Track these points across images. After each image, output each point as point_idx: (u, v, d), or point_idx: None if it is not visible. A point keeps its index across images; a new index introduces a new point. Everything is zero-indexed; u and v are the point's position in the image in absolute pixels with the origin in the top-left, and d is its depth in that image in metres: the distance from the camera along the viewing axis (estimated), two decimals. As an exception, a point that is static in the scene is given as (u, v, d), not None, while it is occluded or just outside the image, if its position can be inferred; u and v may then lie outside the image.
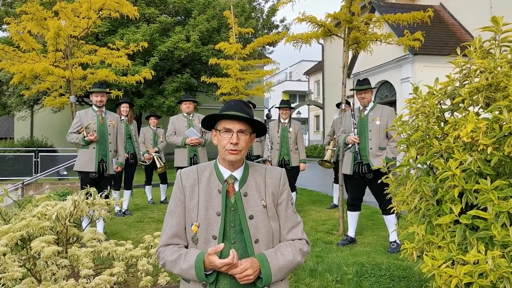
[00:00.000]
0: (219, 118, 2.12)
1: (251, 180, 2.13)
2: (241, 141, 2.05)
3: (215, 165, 2.16)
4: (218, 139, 2.11)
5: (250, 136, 2.10)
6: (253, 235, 2.02)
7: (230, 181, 2.10)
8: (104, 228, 5.95)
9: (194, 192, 2.11)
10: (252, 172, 2.17)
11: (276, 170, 2.22)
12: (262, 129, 2.19)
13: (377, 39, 6.05)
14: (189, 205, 2.09)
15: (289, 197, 2.20)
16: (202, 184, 2.11)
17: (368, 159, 5.15)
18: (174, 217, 2.10)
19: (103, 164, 5.62)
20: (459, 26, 16.81)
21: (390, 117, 5.19)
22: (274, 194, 2.14)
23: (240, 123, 2.06)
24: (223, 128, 2.06)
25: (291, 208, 2.19)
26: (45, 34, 7.42)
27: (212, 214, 2.04)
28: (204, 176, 2.14)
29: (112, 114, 5.89)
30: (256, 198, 2.09)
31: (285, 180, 2.21)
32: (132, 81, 8.80)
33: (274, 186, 2.15)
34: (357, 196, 5.43)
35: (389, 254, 4.99)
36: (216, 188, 2.09)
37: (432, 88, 3.07)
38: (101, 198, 4.01)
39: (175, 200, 2.14)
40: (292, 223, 2.15)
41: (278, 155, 6.90)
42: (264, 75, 13.02)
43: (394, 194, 3.35)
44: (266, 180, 2.16)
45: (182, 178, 2.15)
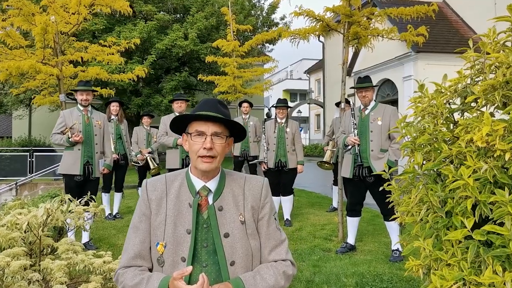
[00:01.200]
0: (191, 120, 1.82)
1: (227, 191, 1.84)
2: (216, 146, 1.76)
3: (187, 175, 1.87)
4: (189, 143, 1.81)
5: (226, 140, 1.81)
6: (229, 256, 1.73)
7: (203, 193, 1.81)
8: (91, 235, 5.65)
9: (161, 206, 1.81)
10: (229, 182, 1.87)
11: (257, 180, 1.92)
12: (241, 132, 1.88)
13: (378, 34, 5.73)
14: (155, 221, 1.80)
15: (271, 211, 1.90)
16: (171, 196, 1.82)
17: (369, 161, 4.84)
18: (138, 235, 1.81)
19: (88, 167, 5.31)
20: (462, 23, 16.48)
21: (392, 117, 4.88)
22: (254, 208, 1.85)
23: (214, 125, 1.77)
24: (195, 131, 1.77)
25: (274, 224, 1.89)
26: (33, 30, 7.14)
27: (181, 232, 1.75)
28: (174, 187, 1.85)
29: (99, 114, 5.58)
30: (233, 212, 1.80)
31: (267, 191, 1.91)
32: (125, 79, 8.53)
33: (254, 198, 1.86)
34: (357, 201, 5.12)
35: (391, 263, 4.68)
36: (187, 201, 1.80)
37: (440, 86, 2.76)
38: (80, 205, 3.72)
39: (139, 214, 1.85)
40: (275, 241, 1.86)
41: (274, 156, 6.59)
42: (263, 73, 12.75)
43: (397, 202, 3.04)
44: (245, 191, 1.87)
45: (148, 189, 1.86)
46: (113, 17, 18.36)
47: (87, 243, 5.40)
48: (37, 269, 3.26)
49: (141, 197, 1.87)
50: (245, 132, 1.91)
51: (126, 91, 18.18)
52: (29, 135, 23.43)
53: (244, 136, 1.92)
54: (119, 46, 8.13)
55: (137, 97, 18.54)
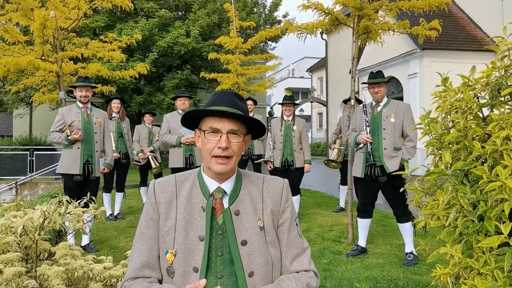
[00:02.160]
0: (204, 115, 1.61)
1: (244, 194, 1.64)
2: (232, 145, 1.57)
3: (199, 175, 1.67)
4: (202, 141, 1.61)
5: (244, 138, 1.61)
6: (247, 267, 1.53)
7: (217, 195, 1.61)
8: (91, 237, 5.44)
9: (171, 210, 1.61)
10: (246, 184, 1.67)
11: (277, 181, 1.71)
12: (260, 129, 1.68)
13: (389, 29, 5.51)
14: (164, 227, 1.60)
15: (293, 216, 1.69)
16: (182, 199, 1.62)
17: (382, 160, 4.62)
18: (145, 242, 1.61)
19: (88, 166, 5.11)
20: (469, 20, 16.25)
21: (406, 114, 4.67)
22: (274, 212, 1.65)
23: (231, 122, 1.57)
24: (209, 128, 1.57)
25: (296, 230, 1.69)
26: (31, 25, 6.94)
27: (193, 239, 1.55)
28: (184, 188, 1.64)
29: (99, 111, 5.37)
30: (251, 217, 1.60)
31: (288, 194, 1.71)
32: (126, 76, 8.32)
33: (274, 201, 1.66)
34: (369, 202, 4.90)
35: (406, 267, 4.46)
36: (199, 204, 1.60)
37: (467, 78, 2.54)
38: (79, 206, 3.52)
39: (146, 219, 1.64)
40: (297, 249, 1.66)
41: (281, 155, 6.37)
42: (266, 70, 12.51)
43: (418, 204, 2.83)
44: (264, 193, 1.67)
45: (156, 191, 1.66)
46: (114, 14, 18.18)
47: (87, 245, 5.20)
48: (33, 275, 3.06)
49: (148, 200, 1.66)
50: (265, 129, 1.71)
51: (127, 89, 18.01)
52: (30, 133, 23.26)
53: (263, 133, 1.72)
54: (120, 42, 7.93)
55: (138, 95, 18.36)
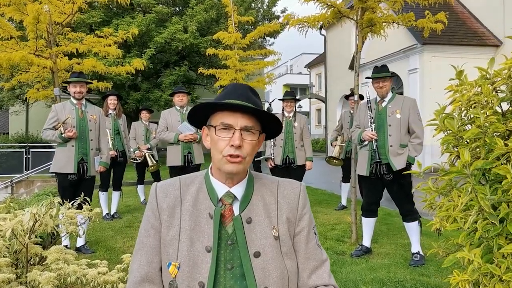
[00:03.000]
0: (215, 109, 1.44)
1: (257, 199, 1.47)
2: (245, 144, 1.39)
3: (206, 178, 1.49)
4: (212, 139, 1.43)
5: (258, 136, 1.43)
6: (260, 282, 1.36)
7: (227, 201, 1.43)
8: (87, 237, 5.27)
9: (175, 217, 1.44)
10: (258, 188, 1.49)
11: (292, 184, 1.54)
12: (277, 127, 1.51)
13: (394, 21, 5.34)
14: (167, 236, 1.42)
15: (311, 223, 1.52)
16: (186, 204, 1.45)
17: (388, 158, 4.46)
18: (145, 253, 1.44)
19: (83, 165, 4.93)
20: (469, 15, 16.09)
21: (412, 109, 4.51)
22: (290, 220, 1.47)
23: (245, 117, 1.39)
24: (221, 123, 1.39)
25: (314, 239, 1.52)
26: (25, 20, 6.75)
27: (199, 250, 1.38)
28: (190, 192, 1.47)
29: (94, 107, 5.19)
30: (265, 226, 1.43)
31: (305, 199, 1.54)
32: (122, 72, 8.14)
33: (290, 208, 1.48)
34: (374, 200, 4.74)
35: (413, 268, 4.31)
36: (206, 211, 1.42)
37: (486, 71, 2.37)
38: (72, 208, 3.35)
39: (147, 227, 1.47)
40: (316, 261, 1.49)
41: (282, 152, 6.20)
42: (265, 66, 12.38)
43: (430, 205, 2.67)
44: (279, 199, 1.49)
45: (158, 196, 1.48)
46: (110, 9, 17.96)
47: (83, 246, 5.04)
48: (23, 281, 2.89)
49: (149, 206, 1.49)
50: (281, 127, 1.53)
51: (124, 86, 17.82)
52: (26, 131, 23.05)
53: (279, 132, 1.55)
54: (116, 37, 7.74)
55: (136, 91, 18.18)
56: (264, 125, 1.47)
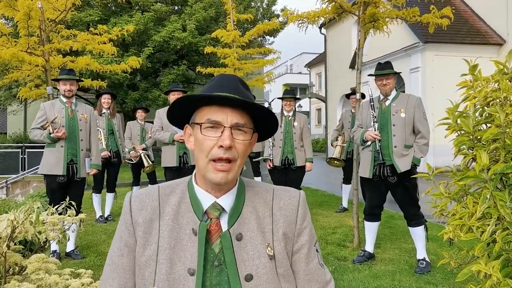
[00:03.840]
0: (200, 103, 1.22)
1: (249, 211, 1.24)
2: (237, 144, 1.17)
3: (190, 186, 1.26)
4: (196, 140, 1.21)
5: (252, 135, 1.22)
6: None
7: (213, 214, 1.21)
8: (77, 242, 5.06)
9: (152, 233, 1.21)
10: (251, 198, 1.27)
11: (290, 194, 1.31)
12: (272, 125, 1.30)
13: (397, 16, 5.12)
14: (142, 256, 1.20)
15: (312, 239, 1.30)
16: (166, 218, 1.22)
17: (392, 159, 4.24)
18: (117, 276, 1.22)
19: (73, 166, 4.71)
20: (471, 13, 15.87)
21: (417, 108, 4.29)
22: (287, 236, 1.25)
23: (236, 113, 1.18)
24: (207, 120, 1.17)
25: (316, 258, 1.30)
26: (16, 16, 6.53)
27: (180, 272, 1.16)
28: (170, 204, 1.24)
29: (84, 106, 4.97)
30: (258, 243, 1.21)
31: (305, 210, 1.31)
32: (117, 70, 7.92)
33: (287, 221, 1.26)
34: (377, 204, 4.52)
35: (418, 275, 4.09)
36: (189, 226, 1.20)
37: (504, 65, 2.15)
38: (56, 213, 3.13)
39: (119, 245, 1.24)
40: (319, 283, 1.28)
41: (281, 153, 5.97)
42: (265, 64, 12.15)
43: (440, 211, 2.45)
44: (275, 211, 1.27)
45: (132, 208, 1.25)
46: (108, 8, 17.76)
47: (72, 251, 4.82)
48: (1, 292, 2.69)
49: (122, 219, 1.26)
50: (277, 124, 1.32)
51: (122, 85, 17.61)
52: (24, 131, 22.80)
53: (274, 131, 1.33)
54: (111, 34, 7.52)
55: (134, 91, 17.97)
56: (257, 123, 1.26)
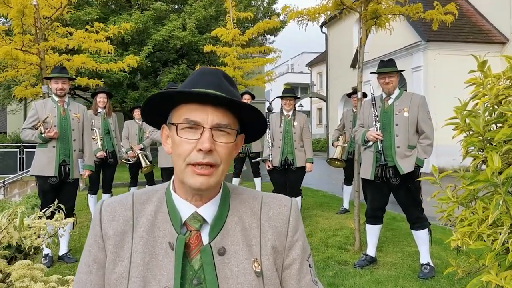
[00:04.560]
0: (176, 101, 1.07)
1: (233, 222, 1.10)
2: (219, 148, 1.03)
3: (167, 194, 1.12)
4: (173, 142, 1.07)
5: (236, 137, 1.07)
6: None
7: (193, 226, 1.06)
8: (69, 245, 4.92)
9: (124, 247, 1.07)
10: (236, 207, 1.12)
11: (281, 202, 1.16)
12: (260, 124, 1.15)
13: (400, 13, 4.97)
14: (113, 273, 1.05)
15: (305, 253, 1.14)
16: (140, 230, 1.08)
17: (395, 160, 4.09)
18: None
19: (65, 167, 4.57)
20: (474, 11, 15.70)
21: (421, 107, 4.14)
22: (277, 250, 1.10)
23: (218, 112, 1.04)
24: (185, 120, 1.03)
25: (309, 273, 1.14)
26: (9, 13, 6.40)
27: None
28: (145, 214, 1.10)
29: (77, 105, 4.83)
30: (243, 258, 1.06)
31: (297, 220, 1.15)
32: (114, 68, 7.80)
33: (277, 233, 1.11)
34: (379, 206, 4.38)
35: (422, 280, 3.94)
36: (166, 239, 1.06)
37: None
38: (44, 216, 2.99)
39: (87, 260, 1.09)
40: None
41: (280, 153, 5.82)
42: (265, 63, 12.03)
43: (448, 217, 2.31)
44: (263, 221, 1.12)
45: (102, 218, 1.10)
46: (107, 6, 17.64)
47: (65, 255, 4.69)
48: (-17, 301, 2.55)
49: (91, 231, 1.11)
50: (265, 124, 1.16)
51: (122, 85, 17.49)
52: (23, 130, 22.68)
53: (264, 131, 1.18)
54: (107, 32, 7.39)
55: (134, 90, 17.84)
56: (243, 123, 1.11)
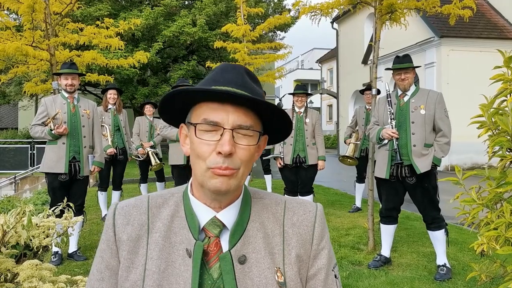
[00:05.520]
0: (196, 99, 0.99)
1: (255, 228, 1.02)
2: (239, 151, 0.95)
3: (185, 198, 1.04)
4: (192, 143, 0.99)
5: (258, 139, 0.99)
6: None
7: (212, 232, 0.99)
8: (79, 243, 4.88)
9: (138, 254, 1.00)
10: (258, 212, 1.04)
11: (306, 207, 1.08)
12: (285, 126, 1.07)
13: (416, 7, 4.84)
14: (126, 281, 0.98)
15: (330, 262, 1.06)
16: (156, 235, 1.00)
17: (411, 159, 3.98)
18: None
19: (75, 164, 4.52)
20: (489, 6, 15.45)
21: (438, 104, 4.03)
22: (301, 259, 1.02)
23: (239, 112, 0.95)
24: (204, 120, 0.95)
25: (335, 285, 1.06)
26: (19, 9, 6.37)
27: None
28: (161, 218, 1.02)
29: (87, 101, 4.78)
30: (265, 267, 0.98)
31: (322, 227, 1.07)
32: (125, 64, 7.74)
33: (301, 241, 1.03)
34: (394, 206, 4.27)
35: (439, 282, 3.84)
36: (183, 245, 0.98)
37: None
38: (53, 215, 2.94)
39: (99, 267, 1.02)
40: None
41: (292, 151, 5.72)
42: (275, 59, 11.94)
43: (471, 218, 2.21)
44: (286, 228, 1.04)
45: (116, 222, 1.03)
46: (118, 2, 17.63)
47: (75, 253, 4.65)
48: (-9, 301, 2.51)
49: (104, 236, 1.04)
50: (291, 125, 1.07)
51: (132, 81, 17.51)
52: (34, 126, 22.82)
53: (288, 133, 1.09)
54: (117, 28, 7.33)
55: (144, 86, 17.83)
56: (267, 124, 1.03)
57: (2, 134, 20.98)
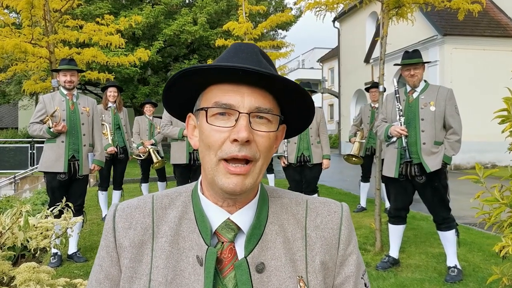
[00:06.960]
0: (206, 80, 0.87)
1: (274, 231, 0.90)
2: (258, 138, 0.83)
3: (194, 197, 0.92)
4: (201, 131, 0.87)
5: (278, 126, 0.87)
6: None
7: (226, 236, 0.87)
8: (79, 244, 4.76)
9: (142, 261, 0.88)
10: (276, 213, 0.93)
11: (330, 207, 0.96)
12: (309, 112, 0.94)
13: (424, 2, 4.73)
14: None
15: (359, 269, 0.94)
16: (161, 240, 0.89)
17: (420, 157, 3.86)
18: None
19: (74, 163, 4.40)
20: (492, 4, 15.31)
21: (449, 100, 3.90)
22: (326, 266, 0.90)
23: (257, 94, 0.83)
24: (215, 104, 0.83)
25: None
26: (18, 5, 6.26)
27: None
28: (168, 221, 0.91)
29: (86, 99, 4.66)
30: (286, 276, 0.87)
31: (350, 230, 0.95)
32: (125, 62, 7.63)
33: (327, 245, 0.92)
34: (403, 206, 4.15)
35: (449, 284, 3.72)
36: (193, 252, 0.87)
37: None
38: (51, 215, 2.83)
39: (98, 277, 0.91)
40: None
41: (296, 149, 5.59)
42: (277, 58, 11.78)
43: (492, 218, 2.09)
44: (309, 231, 0.92)
45: (116, 226, 0.92)
46: (118, 1, 17.54)
47: (75, 254, 4.53)
48: (-14, 306, 2.40)
49: (103, 242, 0.93)
50: (314, 111, 0.94)
51: (133, 80, 17.41)
52: (34, 126, 22.74)
53: (311, 120, 0.96)
54: (118, 25, 7.23)
55: (144, 86, 17.74)
56: (285, 111, 0.91)
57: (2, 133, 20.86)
